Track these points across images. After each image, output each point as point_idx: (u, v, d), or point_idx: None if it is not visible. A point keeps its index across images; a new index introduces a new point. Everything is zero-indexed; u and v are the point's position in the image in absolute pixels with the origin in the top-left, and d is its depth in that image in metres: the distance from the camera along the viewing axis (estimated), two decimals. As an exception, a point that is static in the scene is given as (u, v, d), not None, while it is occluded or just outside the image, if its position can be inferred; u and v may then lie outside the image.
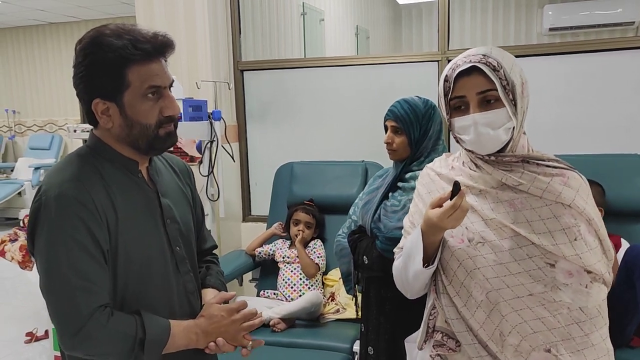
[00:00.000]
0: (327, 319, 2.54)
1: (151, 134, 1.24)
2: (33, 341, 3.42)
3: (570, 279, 1.19)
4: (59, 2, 6.41)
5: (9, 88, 8.03)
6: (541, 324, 1.19)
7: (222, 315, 1.33)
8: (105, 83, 1.19)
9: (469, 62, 1.20)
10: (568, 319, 1.19)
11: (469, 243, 1.24)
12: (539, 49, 3.02)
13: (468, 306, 1.23)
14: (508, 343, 1.20)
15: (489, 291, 1.21)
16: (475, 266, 1.22)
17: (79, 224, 1.16)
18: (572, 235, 1.19)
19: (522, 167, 1.24)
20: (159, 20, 3.10)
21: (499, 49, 1.25)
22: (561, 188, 1.21)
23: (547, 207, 1.21)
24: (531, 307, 1.19)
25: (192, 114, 2.81)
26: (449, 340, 1.27)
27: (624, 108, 2.75)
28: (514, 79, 1.21)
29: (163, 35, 1.23)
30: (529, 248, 1.19)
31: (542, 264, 1.19)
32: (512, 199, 1.23)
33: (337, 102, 3.22)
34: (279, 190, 2.98)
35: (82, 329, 1.14)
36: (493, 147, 1.23)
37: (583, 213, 1.21)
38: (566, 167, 1.27)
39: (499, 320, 1.21)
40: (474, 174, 1.27)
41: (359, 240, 1.85)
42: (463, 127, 1.23)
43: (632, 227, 2.28)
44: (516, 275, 1.19)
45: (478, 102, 1.21)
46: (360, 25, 6.15)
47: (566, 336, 1.19)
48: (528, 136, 1.33)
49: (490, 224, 1.23)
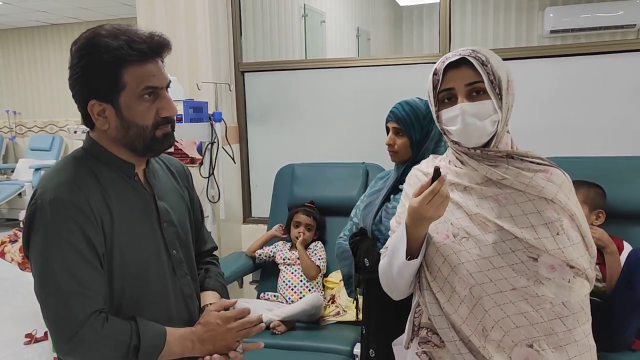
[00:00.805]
0: (327, 322, 2.53)
1: (148, 135, 1.24)
2: (32, 342, 3.41)
3: (552, 273, 1.20)
4: (61, 4, 6.41)
5: (10, 89, 8.03)
6: (524, 318, 1.19)
7: (217, 323, 1.32)
8: (101, 84, 1.19)
9: (458, 55, 1.25)
10: (551, 313, 1.20)
11: (453, 238, 1.25)
12: (540, 51, 3.01)
13: (451, 301, 1.24)
14: (491, 338, 1.20)
15: (472, 286, 1.22)
16: (459, 261, 1.23)
17: (74, 227, 1.15)
18: (554, 229, 1.21)
19: (507, 163, 1.26)
20: (160, 21, 3.10)
21: (488, 49, 1.29)
22: (544, 183, 1.24)
23: (530, 202, 1.23)
24: (514, 301, 1.20)
25: (192, 115, 2.81)
26: (434, 336, 1.27)
27: (625, 110, 2.75)
28: (501, 74, 1.24)
29: (159, 36, 1.22)
30: (513, 242, 1.21)
31: (525, 257, 1.20)
32: (496, 195, 1.25)
33: (337, 104, 3.22)
34: (279, 192, 2.98)
35: (77, 334, 1.14)
36: (479, 139, 1.26)
37: (565, 208, 1.23)
38: (550, 164, 1.29)
39: (482, 315, 1.22)
40: (460, 171, 1.30)
41: (360, 243, 1.85)
42: (450, 118, 1.27)
43: (635, 230, 2.27)
44: (499, 269, 1.21)
45: (466, 93, 1.25)
46: (361, 27, 6.15)
47: (549, 331, 1.19)
48: (529, 137, 1.35)
49: (474, 219, 1.25)
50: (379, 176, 2.00)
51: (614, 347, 2.01)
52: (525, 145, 1.35)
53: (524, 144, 1.34)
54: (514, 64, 2.85)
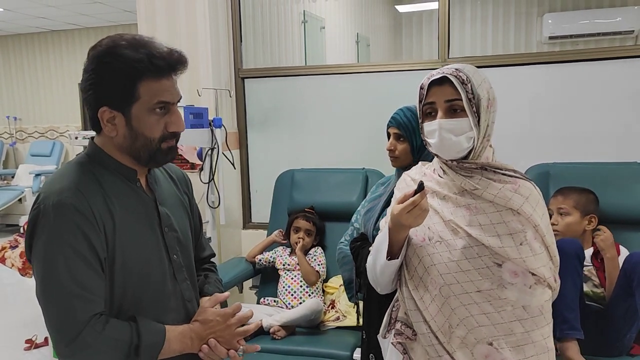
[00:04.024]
0: (327, 327, 2.54)
1: (154, 147, 1.26)
2: (32, 348, 3.40)
3: (515, 279, 1.29)
4: (61, 10, 6.44)
5: (10, 95, 8.04)
6: (486, 318, 1.29)
7: (217, 320, 1.34)
8: (115, 93, 1.20)
9: (441, 73, 1.34)
10: (511, 315, 1.29)
11: (429, 241, 1.35)
12: (538, 57, 3.03)
13: (424, 299, 1.34)
14: (455, 335, 1.30)
15: (441, 286, 1.31)
16: (432, 262, 1.33)
17: (76, 231, 1.17)
18: (518, 239, 1.29)
19: (481, 174, 1.35)
20: (161, 27, 3.12)
21: (474, 67, 1.37)
22: (511, 195, 1.32)
23: (498, 212, 1.31)
24: (478, 302, 1.29)
25: (193, 121, 2.82)
26: (407, 329, 1.38)
27: (623, 116, 2.76)
28: (481, 93, 1.32)
29: (178, 53, 1.25)
30: (480, 248, 1.30)
31: (490, 263, 1.29)
32: (469, 204, 1.33)
33: (337, 110, 3.23)
34: (279, 198, 2.99)
35: (78, 336, 1.15)
36: (455, 153, 1.34)
37: (530, 219, 1.31)
38: (521, 177, 1.38)
39: (448, 313, 1.31)
40: (441, 181, 1.39)
41: (361, 248, 1.85)
42: (430, 132, 1.36)
43: (631, 235, 2.28)
44: (466, 272, 1.30)
45: (445, 109, 1.33)
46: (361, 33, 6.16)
47: (508, 332, 1.29)
48: (527, 143, 1.37)
49: (447, 225, 1.34)
50: (380, 182, 2.01)
51: (612, 352, 2.02)
52: (522, 151, 1.37)
53: (522, 150, 1.37)
54: (512, 70, 2.87)
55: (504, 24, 6.09)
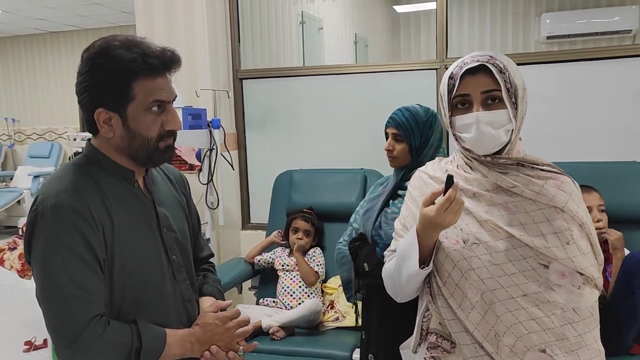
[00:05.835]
0: (326, 327, 2.54)
1: (151, 146, 1.26)
2: (32, 350, 3.40)
3: (563, 280, 1.21)
4: (59, 11, 6.43)
5: (8, 96, 8.04)
6: (536, 324, 1.20)
7: (216, 324, 1.34)
8: (110, 94, 1.20)
9: (476, 61, 1.23)
10: (562, 319, 1.20)
11: (463, 244, 1.24)
12: (536, 57, 3.03)
13: (462, 307, 1.24)
14: (503, 343, 1.21)
15: (483, 292, 1.22)
16: (470, 267, 1.23)
17: (75, 233, 1.16)
18: (564, 238, 1.21)
19: (517, 170, 1.26)
20: (159, 28, 3.12)
21: (504, 55, 1.28)
22: (554, 191, 1.24)
23: (540, 210, 1.23)
24: (525, 307, 1.20)
25: (191, 122, 2.82)
26: (444, 341, 1.28)
27: (621, 115, 2.76)
28: (517, 82, 1.24)
29: (171, 51, 1.25)
30: (524, 249, 1.21)
31: (536, 264, 1.21)
32: (506, 202, 1.25)
33: (335, 110, 3.23)
34: (278, 198, 2.98)
35: (78, 338, 1.15)
36: (492, 147, 1.25)
37: (576, 217, 1.23)
38: (560, 172, 1.29)
39: (494, 321, 1.22)
40: (469, 177, 1.29)
41: (360, 248, 1.85)
42: (464, 126, 1.25)
43: (632, 234, 2.28)
44: (511, 275, 1.21)
45: (482, 101, 1.24)
46: (359, 34, 6.17)
47: (560, 336, 1.20)
48: (527, 143, 1.36)
49: (485, 225, 1.24)
50: (379, 182, 2.01)
51: (612, 351, 2.02)
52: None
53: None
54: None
55: (501, 23, 6.10)
